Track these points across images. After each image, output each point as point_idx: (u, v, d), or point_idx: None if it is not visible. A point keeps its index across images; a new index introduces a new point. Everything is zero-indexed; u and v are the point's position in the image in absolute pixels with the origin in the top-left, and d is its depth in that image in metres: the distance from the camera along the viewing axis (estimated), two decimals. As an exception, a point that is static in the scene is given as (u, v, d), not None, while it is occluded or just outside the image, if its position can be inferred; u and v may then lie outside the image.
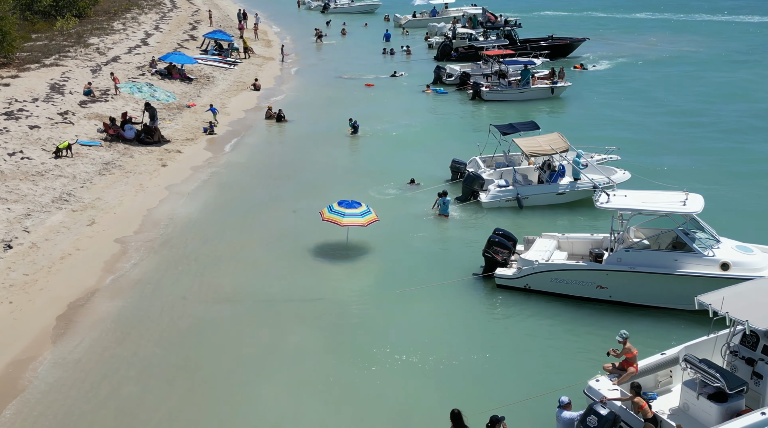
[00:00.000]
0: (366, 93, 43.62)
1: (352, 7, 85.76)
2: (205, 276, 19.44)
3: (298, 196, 25.84)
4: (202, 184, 26.67)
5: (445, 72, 46.38)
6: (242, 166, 29.13)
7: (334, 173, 28.42)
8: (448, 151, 30.93)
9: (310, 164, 29.51)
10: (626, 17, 77.81)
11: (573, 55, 55.41)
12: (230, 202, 25.10)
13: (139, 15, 63.99)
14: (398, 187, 26.90)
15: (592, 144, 30.13)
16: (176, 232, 22.28)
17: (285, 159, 30.32)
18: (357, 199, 22.45)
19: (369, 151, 31.66)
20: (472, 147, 29.91)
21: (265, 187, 26.80)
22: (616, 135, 33.57)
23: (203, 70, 45.51)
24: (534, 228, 23.08)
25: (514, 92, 41.29)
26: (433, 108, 40.49)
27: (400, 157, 30.61)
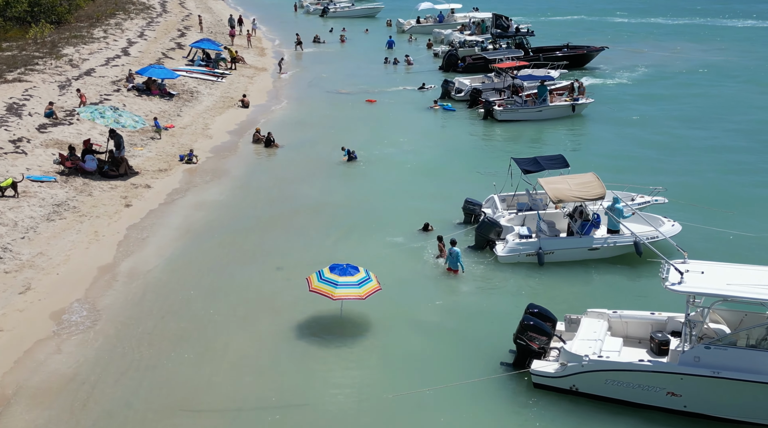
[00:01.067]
0: (367, 110, 39.41)
1: (353, 11, 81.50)
2: (158, 374, 15.20)
3: (286, 247, 21.64)
4: (170, 232, 22.41)
5: (453, 86, 42.16)
6: (221, 205, 24.85)
7: (330, 215, 24.20)
8: (460, 185, 26.86)
9: (301, 203, 25.28)
10: (643, 22, 73.49)
11: (591, 65, 51.20)
12: (203, 257, 20.88)
13: (124, 21, 59.81)
14: (404, 232, 22.72)
15: (626, 176, 26.01)
16: (129, 303, 18.06)
17: (272, 196, 26.05)
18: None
19: (369, 185, 27.40)
20: (488, 180, 25.79)
21: (246, 234, 22.58)
22: (651, 162, 29.40)
23: (187, 84, 41.31)
24: (562, 290, 18.96)
25: (531, 111, 37.04)
26: (441, 129, 36.24)
27: (405, 192, 26.41)
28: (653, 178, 26.89)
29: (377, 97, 42.32)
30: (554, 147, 32.46)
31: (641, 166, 28.94)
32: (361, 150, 31.20)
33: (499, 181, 24.36)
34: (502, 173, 25.98)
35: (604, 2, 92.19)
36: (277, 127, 35.42)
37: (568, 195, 20.41)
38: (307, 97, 42.45)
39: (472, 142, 33.68)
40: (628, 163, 29.29)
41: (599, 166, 27.93)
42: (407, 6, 79.13)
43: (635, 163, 29.31)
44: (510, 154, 31.02)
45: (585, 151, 31.44)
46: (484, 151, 32.13)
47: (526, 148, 32.59)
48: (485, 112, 37.36)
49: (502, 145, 33.00)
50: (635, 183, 24.45)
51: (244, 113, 37.81)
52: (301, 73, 50.34)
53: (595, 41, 58.89)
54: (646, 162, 29.65)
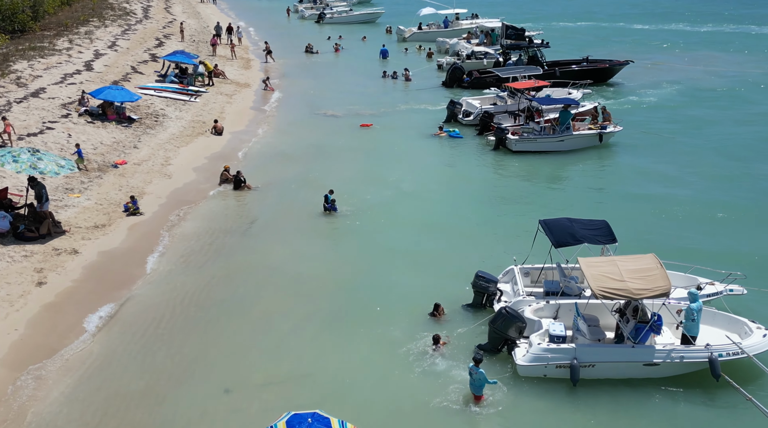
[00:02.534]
0: (361, 138, 33.92)
1: (351, 16, 76.00)
2: None
3: (241, 351, 16.19)
4: (90, 333, 16.91)
5: (461, 109, 36.67)
6: (165, 288, 19.01)
7: (304, 296, 18.70)
8: (471, 244, 21.54)
9: (267, 278, 19.72)
10: (664, 29, 67.80)
11: (612, 81, 45.68)
12: (128, 375, 15.41)
13: (97, 29, 54.35)
14: (404, 319, 17.37)
15: (680, 245, 20.65)
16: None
17: (230, 267, 20.37)
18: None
19: (359, 247, 21.83)
20: (505, 241, 20.48)
21: (189, 331, 17.07)
22: (712, 222, 23.76)
23: (153, 106, 35.89)
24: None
25: (551, 140, 31.54)
26: (447, 163, 30.68)
27: (404, 257, 20.90)
28: (718, 246, 21.42)
29: (373, 120, 36.84)
30: (580, 190, 27.04)
31: (700, 227, 23.21)
32: (351, 193, 25.83)
33: (521, 243, 19.01)
34: (523, 233, 20.67)
35: (620, 7, 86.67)
36: (254, 161, 30.05)
37: (617, 288, 14.86)
38: (292, 120, 36.99)
39: (483, 181, 28.13)
40: (681, 222, 23.69)
41: (640, 225, 22.62)
42: (409, 10, 73.82)
43: (690, 221, 23.64)
44: (528, 197, 25.80)
45: (620, 198, 25.89)
46: (497, 193, 26.60)
47: (545, 189, 27.15)
48: (497, 141, 31.86)
49: (519, 185, 27.50)
50: (695, 258, 19.01)
51: (216, 142, 32.36)
52: (290, 88, 44.92)
53: (614, 52, 53.47)
54: (705, 221, 23.75)
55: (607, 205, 25.05)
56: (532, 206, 24.80)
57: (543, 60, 45.23)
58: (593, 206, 25.02)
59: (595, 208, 24.73)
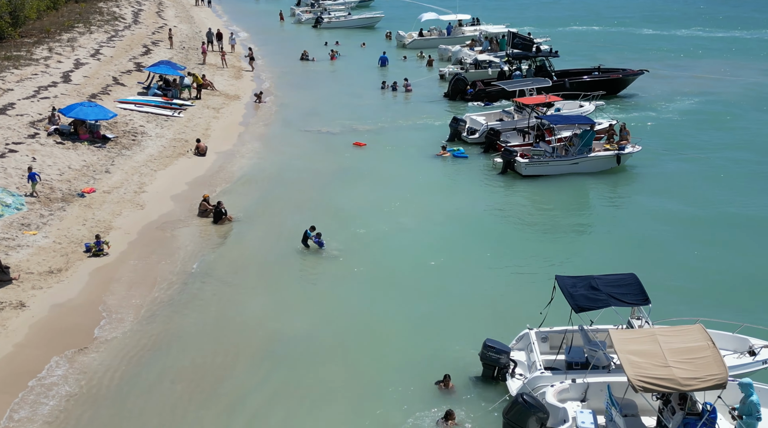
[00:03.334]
0: (355, 159, 31.18)
1: (349, 21, 73.13)
2: None
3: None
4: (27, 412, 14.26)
5: (465, 126, 33.91)
6: (122, 354, 16.29)
7: (286, 366, 15.96)
8: (478, 298, 18.74)
9: (241, 343, 16.90)
10: (676, 35, 64.90)
11: (625, 92, 42.92)
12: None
13: (81, 35, 51.69)
14: (405, 394, 14.66)
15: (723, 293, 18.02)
16: None
17: (202, 327, 17.58)
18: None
19: (349, 301, 19.06)
20: (518, 288, 17.87)
21: (144, 420, 14.42)
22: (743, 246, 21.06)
23: (132, 122, 33.20)
24: None
25: (564, 163, 28.77)
26: (450, 189, 27.87)
27: (398, 314, 18.18)
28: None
29: (371, 137, 34.11)
30: (600, 224, 24.32)
31: (745, 270, 20.31)
32: (343, 226, 23.18)
33: (536, 295, 16.36)
34: (539, 283, 18.05)
35: (629, 10, 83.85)
36: (238, 187, 27.35)
37: (661, 378, 11.94)
38: (283, 138, 34.25)
39: (491, 213, 25.29)
40: (720, 264, 20.80)
41: (672, 270, 19.86)
42: (410, 14, 70.98)
43: (732, 264, 20.76)
44: (542, 235, 23.01)
45: (645, 235, 23.14)
46: (507, 230, 23.82)
47: (561, 223, 24.41)
48: (505, 164, 29.10)
49: (531, 219, 24.66)
50: (744, 312, 16.31)
51: (198, 164, 29.62)
52: (283, 99, 42.22)
53: (623, 59, 50.80)
54: (751, 263, 20.82)
55: (630, 243, 22.33)
56: (548, 246, 22.11)
57: (552, 70, 42.50)
58: (615, 244, 22.32)
59: (618, 247, 22.05)
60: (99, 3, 71.65)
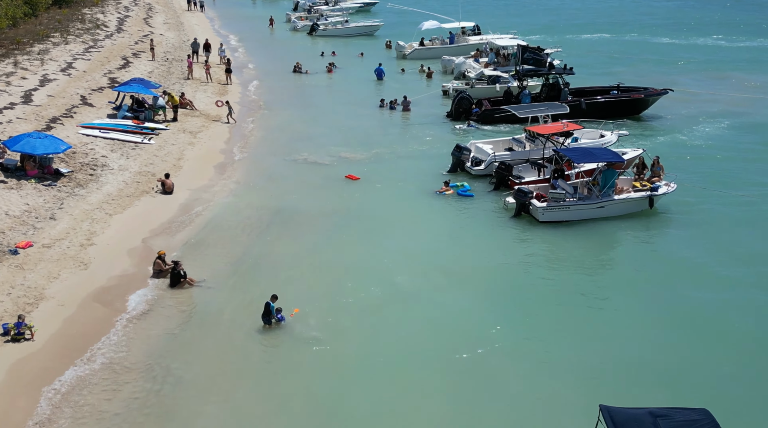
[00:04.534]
0: (346, 197, 27.12)
1: (347, 29, 69.02)
2: None
3: None
4: None
5: (468, 155, 29.90)
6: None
7: None
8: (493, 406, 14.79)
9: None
10: (696, 43, 60.64)
11: (647, 113, 38.88)
12: None
13: (56, 46, 47.74)
14: None
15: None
16: None
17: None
18: None
19: (329, 404, 15.13)
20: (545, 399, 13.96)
21: None
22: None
23: (93, 152, 29.24)
24: None
25: (588, 207, 24.71)
26: (454, 239, 23.71)
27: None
28: None
29: (365, 167, 30.13)
30: (636, 291, 20.21)
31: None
32: (324, 293, 19.22)
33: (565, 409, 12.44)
34: (568, 394, 14.15)
35: (643, 16, 79.67)
36: (205, 236, 23.33)
37: None
38: (265, 170, 30.19)
39: (503, 275, 21.12)
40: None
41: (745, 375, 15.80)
42: (411, 21, 66.94)
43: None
44: (567, 312, 18.86)
45: (696, 302, 19.16)
46: (522, 295, 19.82)
47: (590, 283, 20.40)
48: (518, 207, 25.07)
49: (552, 285, 20.47)
50: None
51: (164, 206, 25.59)
52: (270, 120, 38.26)
53: (642, 73, 46.88)
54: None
55: (678, 317, 18.31)
56: (573, 321, 18.13)
57: (566, 88, 38.47)
58: (657, 318, 18.31)
59: (660, 323, 18.05)
60: (83, 9, 67.60)
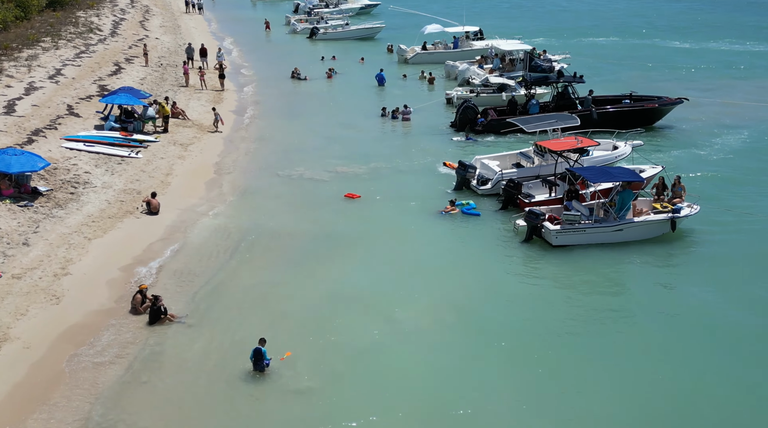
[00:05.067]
0: (344, 218, 25.31)
1: (347, 32, 67.18)
2: None
3: None
4: None
5: (474, 173, 28.09)
6: None
7: None
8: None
9: None
10: (709, 47, 58.50)
11: (661, 124, 37.04)
12: None
13: (46, 51, 46.04)
14: None
15: None
16: None
17: None
18: None
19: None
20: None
21: None
22: None
23: (76, 167, 27.51)
24: None
25: (605, 231, 22.89)
26: (460, 265, 21.87)
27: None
28: None
29: (365, 184, 28.34)
30: (663, 328, 18.43)
31: None
32: (318, 332, 17.47)
33: None
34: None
35: (652, 18, 77.69)
36: (191, 265, 21.54)
37: None
38: (258, 188, 28.27)
39: (514, 303, 19.41)
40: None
41: None
42: (413, 23, 65.19)
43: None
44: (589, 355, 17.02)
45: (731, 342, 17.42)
46: (536, 337, 18.01)
47: (612, 322, 18.62)
48: (530, 230, 23.27)
49: (569, 320, 18.71)
50: None
51: (149, 227, 23.80)
52: (265, 130, 36.52)
53: (653, 79, 45.13)
54: None
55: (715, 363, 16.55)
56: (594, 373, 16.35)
57: (576, 97, 36.69)
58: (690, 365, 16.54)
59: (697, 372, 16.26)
60: (78, 12, 65.82)
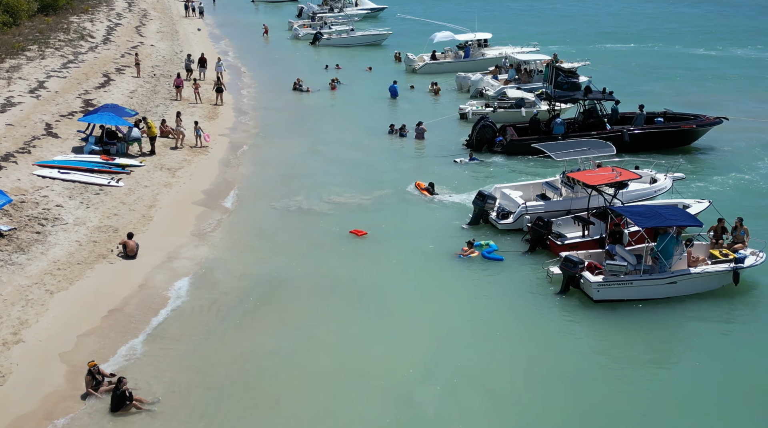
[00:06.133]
0: (349, 261, 22.01)
1: (352, 38, 63.84)
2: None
3: None
4: None
5: (493, 204, 24.68)
6: None
7: None
8: None
9: None
10: (736, 55, 54.95)
11: (699, 143, 33.66)
12: None
13: (31, 60, 42.90)
14: None
15: None
16: None
17: None
18: None
19: None
20: None
21: None
22: None
23: (47, 199, 24.33)
24: None
25: (655, 284, 19.44)
26: (484, 327, 18.51)
27: None
28: None
29: (370, 219, 25.01)
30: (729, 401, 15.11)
31: None
32: (319, 423, 14.20)
33: None
34: None
35: (661, 23, 74.32)
36: (168, 328, 18.30)
37: None
38: (252, 224, 24.92)
39: (553, 384, 16.15)
40: None
41: None
42: (422, 29, 61.91)
43: None
44: None
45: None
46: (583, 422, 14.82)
47: (662, 401, 15.32)
48: (566, 281, 19.93)
49: (617, 399, 15.59)
50: None
51: (122, 276, 20.48)
52: (263, 151, 33.29)
53: (681, 91, 41.87)
54: None
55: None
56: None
57: (604, 116, 33.35)
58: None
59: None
60: (71, 17, 62.66)
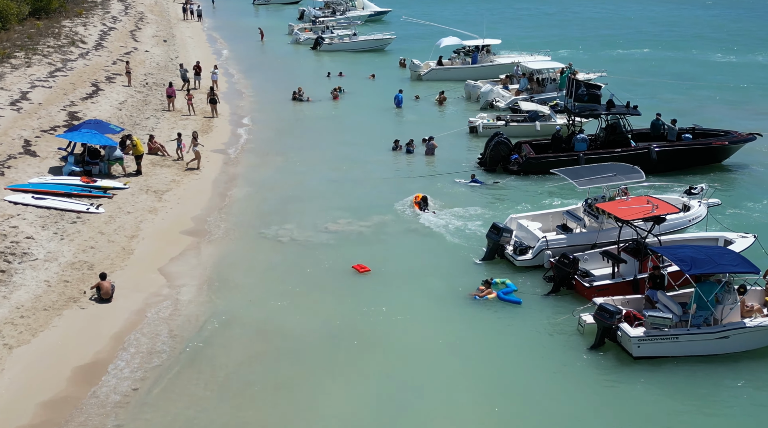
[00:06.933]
0: (350, 303, 19.55)
1: (355, 43, 61.41)
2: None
3: None
4: None
5: (509, 238, 22.05)
6: None
7: None
8: None
9: None
10: (757, 61, 53.00)
11: (729, 162, 31.16)
12: None
13: (15, 69, 40.52)
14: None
15: None
16: None
17: None
18: None
19: None
20: None
21: None
22: None
23: (17, 229, 21.90)
24: None
25: (706, 338, 16.87)
26: (506, 386, 16.01)
27: None
28: None
29: (372, 252, 22.50)
30: None
31: None
32: None
33: None
34: None
35: (674, 27, 71.88)
36: (150, 392, 15.86)
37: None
38: (243, 257, 22.41)
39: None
40: None
41: None
42: (427, 33, 59.56)
43: None
44: None
45: None
46: None
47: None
48: (600, 334, 17.40)
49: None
50: None
51: (94, 326, 17.93)
52: (258, 171, 30.85)
53: (703, 104, 39.48)
54: None
55: None
56: None
57: (629, 132, 30.82)
58: None
59: None
60: (64, 21, 60.28)
